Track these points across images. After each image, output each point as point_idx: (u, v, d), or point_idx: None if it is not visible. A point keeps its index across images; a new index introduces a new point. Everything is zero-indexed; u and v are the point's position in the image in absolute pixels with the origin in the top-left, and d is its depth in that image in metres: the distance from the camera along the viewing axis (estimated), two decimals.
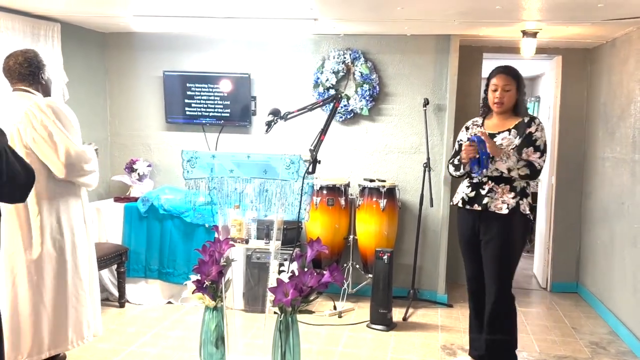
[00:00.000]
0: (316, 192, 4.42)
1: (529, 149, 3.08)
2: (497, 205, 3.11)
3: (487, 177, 3.16)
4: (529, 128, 3.10)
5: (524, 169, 3.05)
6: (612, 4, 3.22)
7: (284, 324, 2.86)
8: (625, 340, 3.95)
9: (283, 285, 2.75)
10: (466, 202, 3.24)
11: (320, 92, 4.60)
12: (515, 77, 3.16)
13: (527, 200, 3.13)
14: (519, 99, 3.18)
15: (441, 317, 4.38)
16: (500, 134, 3.17)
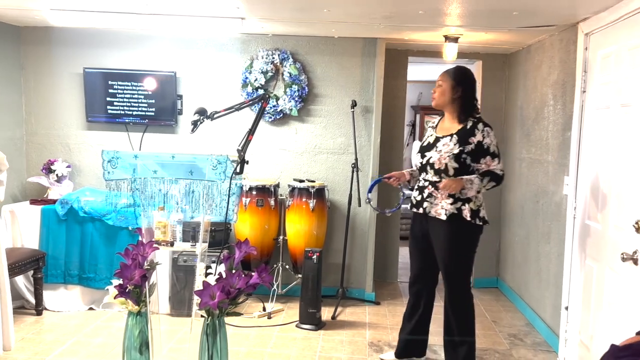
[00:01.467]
0: (245, 193, 4.38)
1: (486, 158, 3.09)
2: (437, 211, 3.13)
3: (427, 181, 3.19)
4: (473, 137, 3.08)
5: (490, 183, 3.07)
6: (525, 12, 3.40)
7: (211, 327, 2.81)
8: (540, 332, 4.17)
9: (209, 288, 2.70)
10: (414, 205, 3.29)
11: (249, 92, 4.57)
12: (452, 75, 3.18)
13: (469, 205, 3.09)
14: (461, 101, 3.15)
15: (369, 314, 4.46)
16: (443, 138, 3.16)
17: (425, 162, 3.20)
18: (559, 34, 3.94)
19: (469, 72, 3.24)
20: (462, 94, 3.16)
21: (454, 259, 3.18)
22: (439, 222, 3.13)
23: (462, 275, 3.25)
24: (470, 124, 3.13)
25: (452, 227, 3.10)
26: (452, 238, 3.13)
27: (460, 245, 3.17)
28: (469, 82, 3.19)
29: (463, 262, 3.22)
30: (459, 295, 3.25)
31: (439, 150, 3.14)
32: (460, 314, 3.26)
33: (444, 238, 3.15)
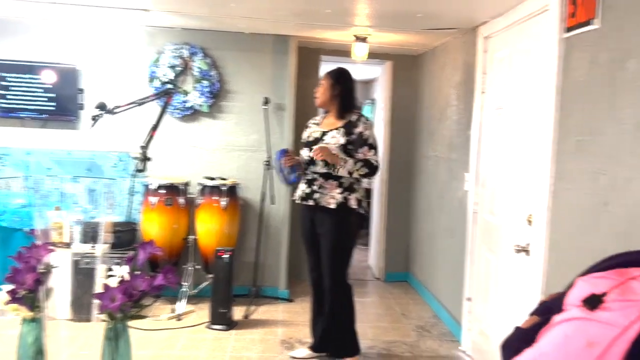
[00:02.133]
0: (153, 192, 4.22)
1: (364, 148, 3.26)
2: (327, 200, 3.28)
3: (317, 174, 3.31)
4: (356, 128, 3.28)
5: (363, 168, 3.22)
6: (429, 14, 3.52)
7: (112, 331, 2.66)
8: (445, 322, 4.35)
9: (110, 291, 2.58)
10: (303, 197, 3.39)
11: (157, 87, 4.41)
12: (331, 75, 3.39)
13: (355, 195, 3.30)
14: (341, 98, 3.35)
15: (282, 312, 4.46)
16: (330, 132, 3.33)
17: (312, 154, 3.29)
18: (462, 37, 4.12)
19: (346, 72, 3.45)
20: (340, 92, 3.36)
21: (339, 247, 3.33)
22: (328, 211, 3.28)
23: (344, 265, 3.39)
24: (354, 117, 3.34)
25: (340, 215, 3.28)
26: (338, 226, 3.29)
27: (346, 232, 3.34)
28: (346, 81, 3.41)
29: (347, 250, 3.38)
30: (339, 284, 3.37)
31: (326, 143, 3.29)
32: (342, 304, 3.39)
33: (331, 226, 3.29)
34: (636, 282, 1.55)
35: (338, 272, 3.36)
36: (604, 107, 2.23)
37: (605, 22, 2.25)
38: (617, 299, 1.52)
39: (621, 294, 1.52)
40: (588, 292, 1.57)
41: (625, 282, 1.55)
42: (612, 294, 1.53)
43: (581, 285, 1.65)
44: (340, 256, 3.35)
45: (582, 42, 2.43)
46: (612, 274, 1.61)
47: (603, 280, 1.59)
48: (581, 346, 1.50)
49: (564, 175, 2.54)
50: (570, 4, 2.51)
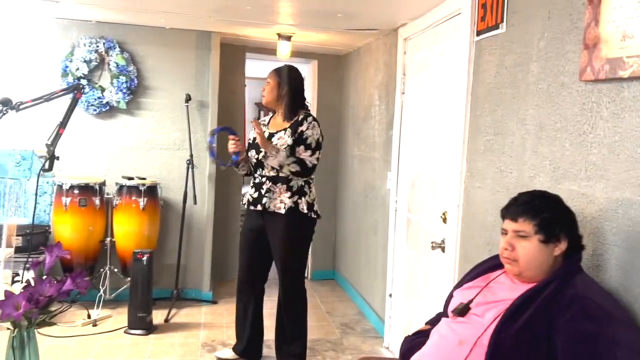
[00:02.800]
0: (65, 192, 4.02)
1: (300, 147, 3.16)
2: (276, 205, 3.17)
3: (265, 177, 3.21)
4: (300, 127, 3.18)
5: (294, 165, 3.10)
6: (349, 15, 3.55)
7: (17, 340, 2.52)
8: (369, 319, 4.41)
9: (13, 298, 2.42)
10: (251, 202, 3.28)
11: (70, 82, 4.18)
12: (278, 74, 3.27)
13: (305, 198, 3.20)
14: (289, 98, 3.24)
15: (205, 314, 4.36)
16: (277, 133, 3.22)
17: (262, 157, 3.20)
18: (383, 38, 4.18)
19: (294, 70, 3.32)
20: (288, 91, 3.25)
21: (292, 253, 3.24)
22: (278, 216, 3.18)
23: (298, 269, 3.33)
24: (301, 117, 3.24)
25: (291, 220, 3.17)
26: (290, 231, 3.19)
27: (298, 238, 3.25)
28: (293, 80, 3.28)
29: (300, 255, 3.31)
30: (294, 290, 3.32)
31: (274, 144, 3.18)
32: (294, 309, 3.33)
33: (282, 232, 3.19)
34: (494, 285, 1.77)
35: (292, 279, 3.28)
36: (510, 108, 2.32)
37: (510, 26, 2.35)
38: (481, 302, 1.73)
39: (483, 298, 1.74)
40: (458, 302, 1.78)
41: (486, 286, 1.77)
42: (476, 299, 1.74)
43: (455, 296, 1.87)
44: (291, 262, 3.26)
45: (491, 45, 2.52)
46: (479, 280, 1.84)
47: (470, 290, 1.81)
48: (454, 344, 1.68)
49: (475, 173, 2.62)
50: (480, 8, 2.59)
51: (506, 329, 1.56)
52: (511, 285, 1.71)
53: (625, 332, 1.43)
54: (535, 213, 1.62)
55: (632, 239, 1.59)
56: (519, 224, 1.64)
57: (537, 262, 1.62)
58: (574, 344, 1.43)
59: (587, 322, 1.43)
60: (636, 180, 1.58)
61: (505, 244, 1.68)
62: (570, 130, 1.89)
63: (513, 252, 1.65)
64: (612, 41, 1.62)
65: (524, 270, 1.64)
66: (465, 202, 2.71)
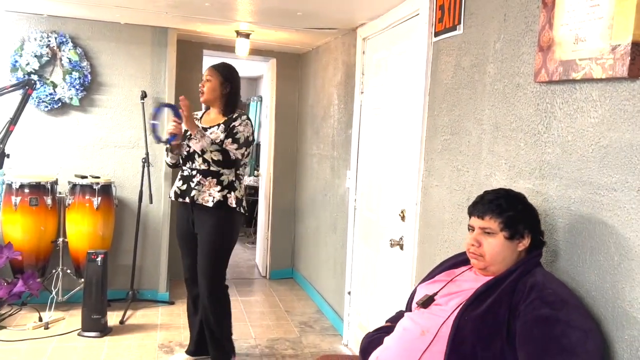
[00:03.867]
0: (15, 191, 3.87)
1: (228, 139, 3.16)
2: (204, 198, 3.16)
3: (195, 170, 3.19)
4: (234, 122, 3.20)
5: (217, 153, 3.07)
6: (309, 14, 3.55)
7: None
8: (328, 317, 4.43)
9: None
10: (178, 195, 3.26)
11: (19, 77, 4.04)
12: (219, 71, 3.25)
13: (235, 193, 3.20)
14: (229, 96, 3.26)
15: (161, 315, 4.29)
16: (211, 128, 3.23)
17: (192, 150, 3.17)
18: (342, 37, 4.21)
19: (235, 69, 3.35)
20: (230, 90, 3.27)
21: (217, 247, 3.21)
22: (206, 209, 3.17)
23: (222, 265, 3.29)
24: (236, 115, 3.25)
25: (219, 214, 3.17)
26: (217, 225, 3.18)
27: (225, 232, 3.23)
28: (236, 79, 3.32)
29: (225, 250, 3.27)
30: (217, 285, 3.27)
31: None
32: (218, 306, 3.28)
33: (209, 225, 3.18)
34: (459, 278, 1.85)
35: (215, 274, 3.24)
36: (467, 108, 2.38)
37: (467, 28, 2.40)
38: (444, 294, 1.79)
39: (448, 290, 1.81)
40: (423, 294, 1.83)
41: (451, 280, 1.84)
42: (441, 292, 1.80)
43: (419, 290, 1.93)
44: (217, 257, 3.23)
45: (448, 46, 2.57)
46: (443, 275, 1.92)
47: (435, 284, 1.88)
48: (417, 334, 1.73)
49: (432, 172, 2.67)
50: (438, 10, 2.64)
51: (468, 314, 1.62)
52: (475, 277, 1.77)
53: (580, 318, 1.51)
54: (500, 211, 1.69)
55: (583, 236, 1.65)
56: (486, 222, 1.71)
57: (502, 257, 1.69)
58: (532, 327, 1.50)
59: (546, 307, 1.51)
60: (588, 178, 1.65)
61: (471, 240, 1.74)
62: (526, 130, 1.95)
63: (479, 248, 1.72)
64: (566, 44, 1.68)
65: (489, 265, 1.71)
66: (423, 200, 2.76)
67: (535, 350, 1.48)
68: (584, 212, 1.66)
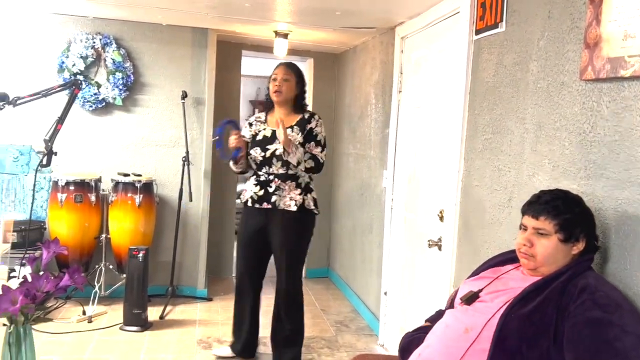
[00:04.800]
0: (61, 188, 4.00)
1: (311, 143, 3.19)
2: (286, 203, 3.18)
3: (273, 174, 3.20)
4: (309, 124, 3.22)
5: (310, 161, 3.16)
6: (348, 13, 3.56)
7: (14, 335, 2.51)
8: (364, 317, 4.42)
9: (10, 293, 2.42)
10: (255, 200, 3.25)
11: (66, 78, 4.17)
12: (295, 71, 3.32)
13: (310, 195, 3.26)
14: (299, 96, 3.31)
15: (200, 311, 4.36)
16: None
17: (269, 155, 3.20)
18: (380, 37, 4.20)
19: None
20: (302, 90, 3.34)
21: (298, 250, 3.28)
22: (287, 213, 3.19)
23: (301, 266, 3.36)
24: (307, 115, 3.29)
25: (299, 217, 3.21)
26: (298, 228, 3.24)
27: (304, 234, 3.31)
28: (304, 79, 3.41)
29: (303, 252, 3.35)
30: (296, 288, 3.33)
31: (278, 142, 3.16)
32: (295, 307, 3.34)
33: (291, 229, 3.22)
34: (505, 276, 1.81)
35: (295, 276, 3.31)
36: (509, 107, 2.34)
37: (510, 25, 2.36)
38: (490, 291, 1.76)
39: (494, 287, 1.78)
40: (467, 290, 1.81)
41: (497, 278, 1.81)
42: (486, 289, 1.77)
43: (463, 287, 1.90)
44: (297, 259, 3.30)
45: (490, 44, 2.53)
46: (489, 272, 1.88)
47: (480, 280, 1.85)
48: (460, 332, 1.71)
49: (473, 171, 2.64)
50: (479, 7, 2.61)
51: (514, 312, 1.60)
52: (522, 277, 1.75)
53: (634, 322, 1.47)
54: (557, 213, 1.66)
55: (631, 238, 1.61)
56: (540, 222, 1.68)
57: (554, 259, 1.66)
58: (583, 328, 1.47)
59: (598, 309, 1.47)
60: (636, 179, 1.60)
61: (523, 239, 1.71)
62: (570, 129, 1.91)
63: (531, 249, 1.69)
64: (614, 40, 1.64)
65: (540, 265, 1.68)
66: (463, 200, 2.73)
67: (586, 351, 1.44)
68: (632, 213, 1.61)
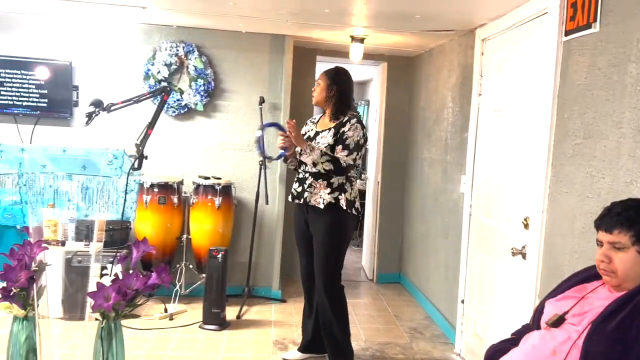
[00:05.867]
0: (146, 190, 4.20)
1: (339, 146, 3.23)
2: (316, 200, 3.25)
3: (307, 172, 3.29)
4: (343, 127, 3.26)
5: (328, 164, 3.16)
6: (427, 16, 3.52)
7: (106, 330, 2.65)
8: (439, 324, 4.35)
9: (104, 290, 2.55)
10: (295, 196, 3.38)
11: (152, 85, 4.38)
12: (329, 75, 3.35)
13: (345, 195, 3.24)
14: (337, 99, 3.32)
15: (275, 312, 4.44)
16: (322, 132, 3.32)
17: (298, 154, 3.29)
18: (459, 39, 4.12)
19: (344, 72, 3.40)
20: (336, 92, 3.33)
21: (330, 248, 3.28)
22: (318, 211, 3.26)
23: (336, 265, 3.33)
24: (346, 119, 3.30)
25: (330, 215, 3.24)
26: (329, 226, 3.25)
27: (337, 234, 3.29)
28: (343, 81, 3.37)
29: (337, 251, 3.32)
30: (331, 285, 3.31)
31: (317, 142, 3.29)
32: (335, 304, 3.32)
33: (322, 227, 3.26)
34: (592, 295, 1.72)
35: (329, 273, 3.31)
36: (603, 111, 2.24)
37: (604, 25, 2.26)
38: (576, 313, 1.68)
39: (580, 309, 1.69)
40: (553, 313, 1.73)
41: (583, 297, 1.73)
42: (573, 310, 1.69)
43: (547, 307, 1.84)
44: (330, 257, 3.30)
45: (581, 45, 2.43)
46: (574, 291, 1.80)
47: (566, 300, 1.77)
48: (547, 354, 1.65)
49: (561, 178, 2.54)
50: (570, 7, 2.51)
51: (598, 333, 1.54)
52: (609, 295, 1.67)
53: None
54: (630, 224, 1.58)
55: None
56: (615, 236, 1.61)
57: (636, 273, 1.58)
58: None
59: None
60: None
61: (601, 255, 1.64)
62: None
63: (610, 264, 1.62)
64: None
65: (622, 281, 1.60)
66: (550, 207, 2.63)
67: None
68: None
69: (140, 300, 2.74)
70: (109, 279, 2.65)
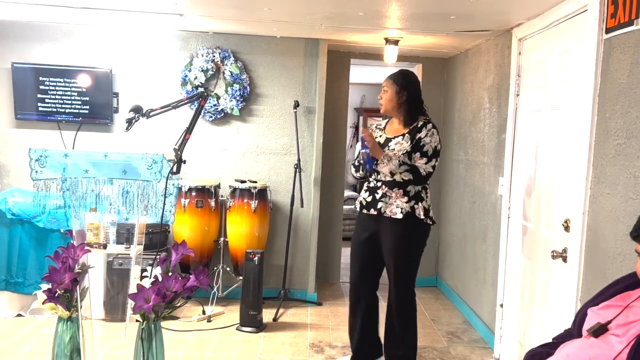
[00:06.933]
0: (184, 194, 4.28)
1: (416, 154, 3.12)
2: (392, 210, 3.13)
3: (380, 181, 3.19)
4: (419, 133, 3.14)
5: (407, 173, 3.07)
6: (463, 16, 3.48)
7: (146, 331, 2.71)
8: (477, 329, 4.28)
9: (144, 291, 2.61)
10: (364, 206, 3.26)
11: (189, 90, 4.47)
12: (395, 80, 3.21)
13: (422, 204, 3.14)
14: (410, 103, 3.20)
15: (311, 315, 4.45)
16: (395, 138, 3.21)
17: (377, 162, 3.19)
18: (495, 39, 4.06)
19: (412, 75, 3.27)
20: (407, 98, 3.20)
21: (406, 258, 3.20)
22: (394, 221, 3.14)
23: (411, 275, 3.26)
24: (421, 123, 3.19)
25: (407, 225, 3.13)
26: (406, 236, 3.15)
27: (413, 243, 3.20)
28: (413, 85, 3.23)
29: (413, 261, 3.25)
30: (406, 295, 3.27)
31: (391, 149, 3.16)
32: (405, 314, 3.28)
33: (398, 237, 3.15)
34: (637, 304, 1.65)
35: (405, 285, 3.23)
36: None
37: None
38: (621, 323, 1.62)
39: (625, 318, 1.63)
40: (595, 321, 1.67)
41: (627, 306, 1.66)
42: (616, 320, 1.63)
43: (590, 315, 1.78)
44: (405, 268, 3.21)
45: (623, 43, 2.37)
46: (618, 299, 1.73)
47: (608, 309, 1.71)
48: None
49: (603, 179, 2.47)
50: (610, 4, 2.45)
51: None
52: None
53: None
54: None
55: None
56: None
57: None
58: None
59: None
60: None
61: None
62: None
63: None
64: None
65: None
66: (592, 209, 2.56)
67: None
68: None
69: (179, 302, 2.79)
70: (148, 281, 2.71)
